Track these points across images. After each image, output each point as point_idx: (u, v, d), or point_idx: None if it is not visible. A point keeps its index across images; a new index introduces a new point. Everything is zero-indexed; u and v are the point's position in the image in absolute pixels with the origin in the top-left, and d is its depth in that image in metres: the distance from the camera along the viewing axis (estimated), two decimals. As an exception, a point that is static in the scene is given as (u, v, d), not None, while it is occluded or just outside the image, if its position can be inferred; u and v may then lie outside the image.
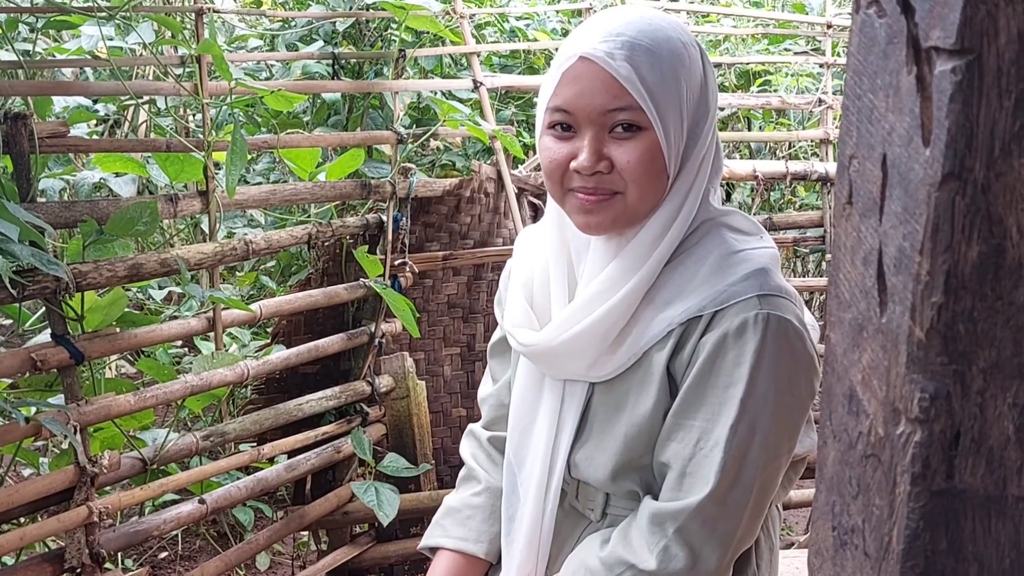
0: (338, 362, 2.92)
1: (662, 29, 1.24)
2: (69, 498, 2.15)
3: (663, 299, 1.27)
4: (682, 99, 1.24)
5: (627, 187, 1.24)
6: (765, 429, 1.21)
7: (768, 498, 1.28)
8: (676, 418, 1.25)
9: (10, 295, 1.92)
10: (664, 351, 1.26)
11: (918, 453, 0.68)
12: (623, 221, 1.27)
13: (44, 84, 2.18)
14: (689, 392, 1.24)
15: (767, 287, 1.23)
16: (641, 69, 1.21)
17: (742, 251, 1.27)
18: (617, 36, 1.22)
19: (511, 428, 1.45)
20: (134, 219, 2.02)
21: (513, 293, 1.43)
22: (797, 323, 1.22)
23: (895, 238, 0.69)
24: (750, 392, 1.19)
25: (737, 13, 4.39)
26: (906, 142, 0.68)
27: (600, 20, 1.26)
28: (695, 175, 1.28)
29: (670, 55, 1.23)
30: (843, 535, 0.78)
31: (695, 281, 1.26)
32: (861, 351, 0.75)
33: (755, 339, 1.20)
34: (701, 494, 1.21)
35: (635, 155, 1.22)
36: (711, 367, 1.22)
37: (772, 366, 1.20)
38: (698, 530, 1.22)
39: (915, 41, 0.67)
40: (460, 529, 1.51)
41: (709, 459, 1.21)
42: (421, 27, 2.84)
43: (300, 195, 2.55)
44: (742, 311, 1.21)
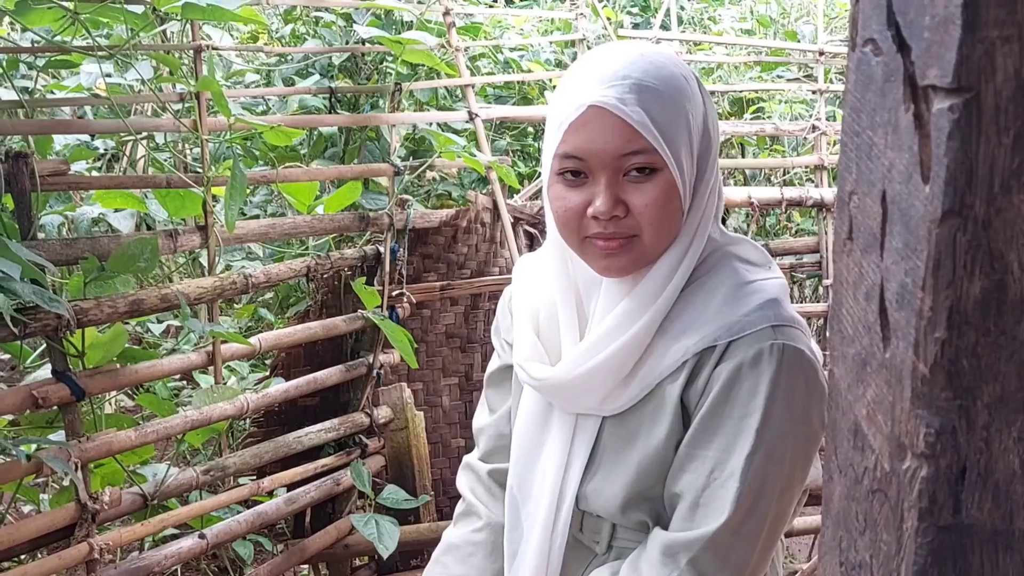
0: (337, 394, 2.92)
1: (664, 66, 1.24)
2: (70, 535, 2.15)
3: (676, 330, 1.27)
4: (690, 135, 1.24)
5: (643, 229, 1.24)
6: (780, 459, 1.21)
7: (781, 529, 1.27)
8: (690, 448, 1.25)
9: (12, 333, 1.92)
10: (678, 382, 1.26)
11: (924, 488, 0.68)
12: (642, 262, 1.27)
13: (45, 123, 2.19)
14: (703, 422, 1.24)
15: (780, 318, 1.23)
16: (652, 111, 1.20)
17: (753, 282, 1.28)
18: (624, 79, 1.21)
19: (514, 460, 1.43)
20: (135, 255, 2.03)
21: (520, 326, 1.42)
22: (810, 353, 1.23)
23: (897, 274, 0.70)
24: (766, 422, 1.20)
25: (730, 42, 4.43)
26: (906, 179, 0.68)
27: (601, 62, 1.25)
28: (703, 207, 1.28)
29: (676, 92, 1.23)
30: (851, 570, 0.78)
31: (708, 312, 1.26)
32: (865, 386, 0.75)
33: (770, 369, 1.20)
34: (715, 524, 1.20)
35: (652, 197, 1.22)
36: (726, 397, 1.22)
37: (787, 396, 1.20)
38: (711, 561, 1.22)
39: (912, 79, 0.68)
40: (461, 567, 1.49)
41: (724, 489, 1.21)
42: (417, 60, 2.86)
43: (299, 228, 2.55)
44: (756, 341, 1.21)
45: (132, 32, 2.17)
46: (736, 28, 5.02)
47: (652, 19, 6.16)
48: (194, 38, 2.31)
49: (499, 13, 3.80)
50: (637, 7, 6.25)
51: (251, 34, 3.66)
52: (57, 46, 2.10)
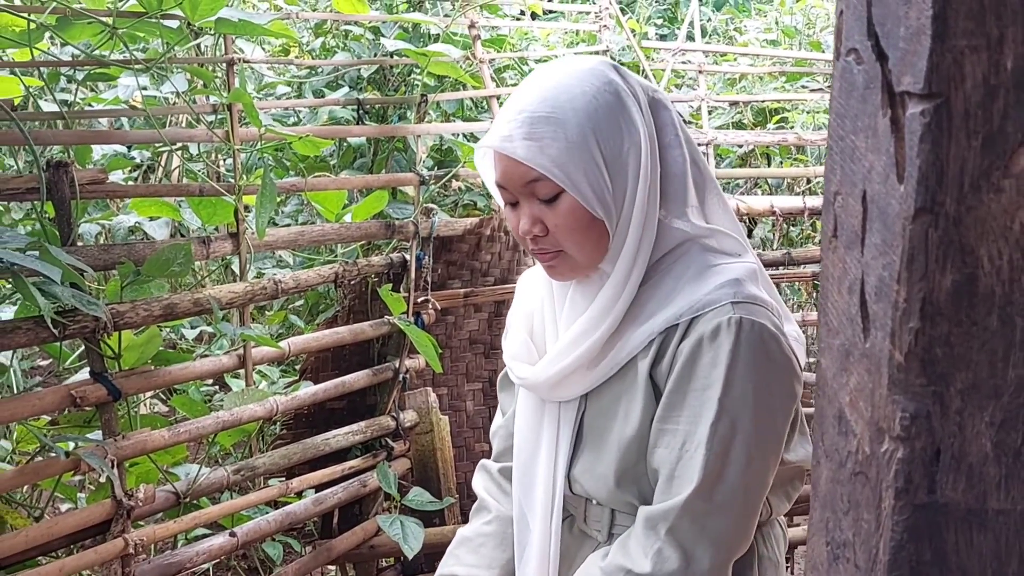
0: (364, 397, 2.98)
1: (566, 88, 1.31)
2: (106, 531, 2.22)
3: (643, 314, 1.35)
4: (593, 151, 1.30)
5: (564, 246, 1.34)
6: (746, 428, 1.27)
7: (758, 500, 1.32)
8: (660, 423, 1.32)
9: (52, 334, 2.00)
10: (647, 359, 1.34)
11: (901, 469, 0.73)
12: (582, 269, 1.37)
13: (84, 133, 2.28)
14: (670, 397, 1.31)
15: (740, 295, 1.30)
16: (543, 140, 1.28)
17: (718, 265, 1.35)
18: (519, 114, 1.30)
19: (516, 454, 1.52)
20: (169, 260, 2.10)
21: (514, 327, 1.53)
22: (772, 327, 1.29)
23: (875, 268, 0.75)
24: (727, 392, 1.26)
25: (754, 52, 4.47)
26: (883, 179, 0.73)
27: (511, 97, 1.36)
28: (645, 205, 1.33)
29: (573, 114, 1.29)
30: (836, 549, 0.82)
31: (673, 292, 1.34)
32: (848, 375, 0.80)
33: (729, 341, 1.27)
34: (687, 491, 1.27)
35: (560, 219, 1.32)
36: (689, 371, 1.29)
37: (747, 367, 1.27)
38: (688, 528, 1.27)
39: (889, 86, 0.73)
40: (472, 557, 1.57)
41: (693, 459, 1.27)
42: (442, 72, 2.92)
43: (327, 236, 2.63)
44: (716, 316, 1.29)
45: (167, 46, 2.25)
46: (761, 39, 5.06)
47: (677, 30, 6.21)
48: (227, 51, 2.39)
49: (525, 25, 3.86)
50: (663, 18, 6.30)
51: (282, 47, 3.75)
52: (96, 60, 2.19)
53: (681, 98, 4.02)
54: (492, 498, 1.60)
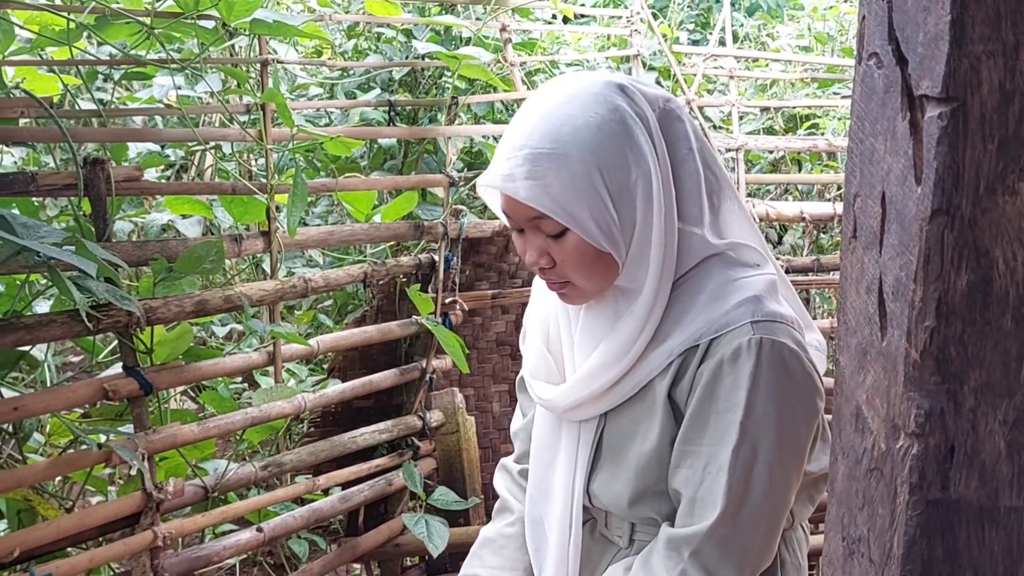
0: (391, 397, 3.01)
1: (569, 120, 1.26)
2: (135, 523, 2.25)
3: (662, 335, 1.33)
4: (597, 185, 1.26)
5: (572, 278, 1.33)
6: (768, 450, 1.26)
7: (781, 517, 1.32)
8: (683, 445, 1.31)
9: (86, 328, 2.04)
10: (665, 380, 1.33)
11: (915, 465, 0.74)
12: (593, 296, 1.36)
13: (121, 131, 2.32)
14: (692, 420, 1.30)
15: (760, 313, 1.28)
16: (546, 178, 1.24)
17: (737, 280, 1.33)
18: (520, 149, 1.26)
19: (532, 464, 1.53)
20: (202, 257, 2.14)
21: (531, 338, 1.52)
22: (793, 345, 1.27)
23: (893, 268, 0.76)
24: (749, 415, 1.25)
25: (786, 58, 4.46)
26: (901, 181, 0.75)
27: (512, 126, 1.30)
28: (662, 234, 1.30)
29: (576, 148, 1.25)
30: (851, 544, 0.84)
31: (692, 311, 1.32)
32: (865, 373, 0.81)
33: (750, 363, 1.25)
34: (711, 518, 1.26)
35: (566, 254, 1.30)
36: (710, 393, 1.28)
37: (769, 388, 1.25)
38: (712, 552, 1.27)
39: (909, 90, 0.74)
40: (495, 558, 1.58)
41: (716, 483, 1.27)
42: (473, 75, 2.95)
43: (357, 236, 2.66)
44: (736, 337, 1.27)
45: (202, 46, 2.29)
46: (793, 45, 5.05)
47: (709, 35, 6.21)
48: (261, 52, 2.43)
49: (556, 29, 3.88)
50: (695, 23, 6.30)
51: (315, 49, 3.79)
52: (133, 59, 2.23)
53: (712, 103, 4.02)
54: (514, 499, 1.62)
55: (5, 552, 2.01)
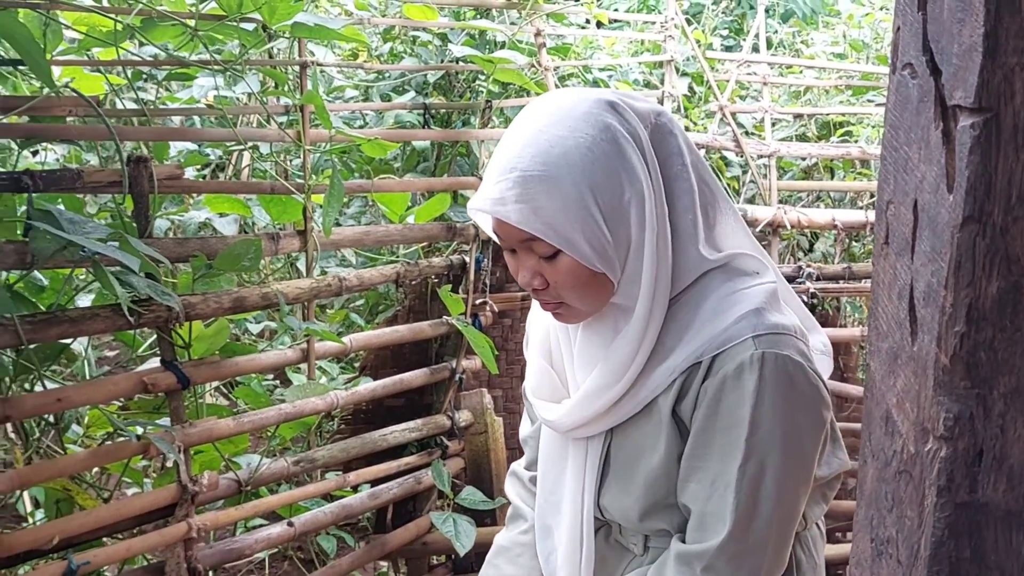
0: (421, 396, 3.04)
1: (559, 141, 1.23)
2: (170, 515, 2.30)
3: (664, 349, 1.32)
4: (589, 206, 1.24)
5: (566, 299, 1.31)
6: (775, 465, 1.25)
7: (791, 529, 1.32)
8: (689, 461, 1.31)
9: (128, 322, 2.08)
10: (669, 397, 1.31)
11: (943, 468, 0.76)
12: (587, 316, 1.35)
13: (164, 130, 2.37)
14: (698, 436, 1.29)
15: (762, 326, 1.26)
16: (537, 201, 1.22)
17: (736, 292, 1.30)
18: (510, 172, 1.23)
19: (541, 476, 1.52)
20: (240, 255, 2.18)
21: (532, 353, 1.51)
22: (797, 356, 1.26)
23: (924, 275, 0.78)
24: (754, 431, 1.24)
25: (819, 65, 4.46)
26: (934, 189, 0.76)
27: (501, 147, 1.28)
28: (655, 252, 1.28)
29: (567, 170, 1.22)
30: (879, 545, 0.85)
31: (693, 327, 1.30)
32: (896, 377, 0.83)
33: (753, 379, 1.24)
34: (721, 535, 1.26)
35: (560, 276, 1.28)
36: (715, 411, 1.27)
37: (773, 403, 1.24)
38: (724, 567, 1.27)
39: (942, 100, 0.76)
40: (511, 567, 1.59)
41: (724, 500, 1.26)
42: (507, 79, 2.98)
43: (391, 236, 2.69)
44: (739, 353, 1.25)
45: (243, 48, 2.34)
46: (828, 52, 5.04)
47: (743, 41, 6.21)
48: (300, 55, 2.47)
49: (590, 34, 3.90)
50: (728, 29, 6.30)
51: (352, 52, 3.83)
52: (177, 60, 2.28)
53: (745, 109, 4.03)
54: (526, 506, 1.62)
55: (45, 539, 2.06)
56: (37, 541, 2.05)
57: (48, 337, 2.04)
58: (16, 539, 2.03)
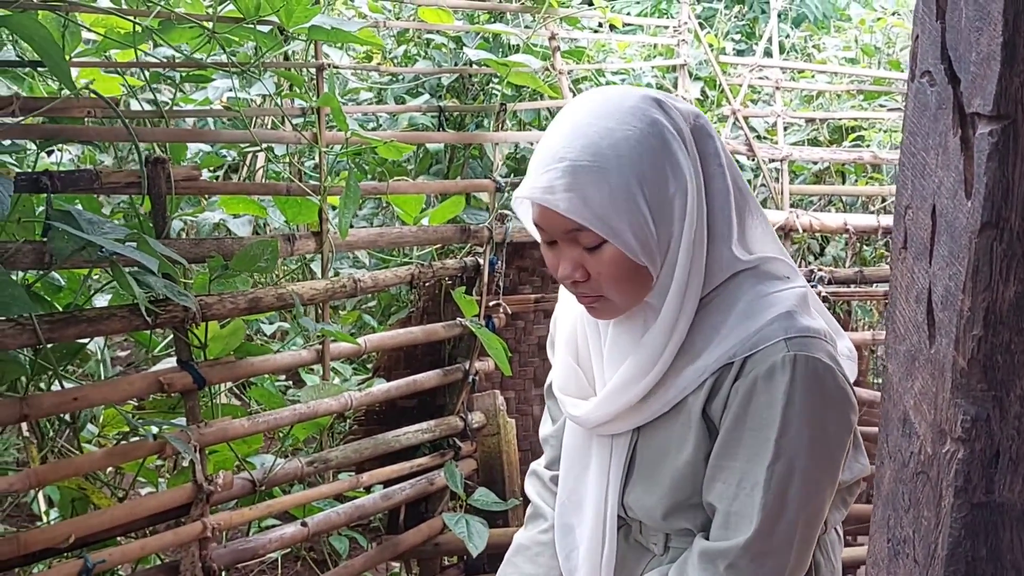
0: (433, 397, 3.05)
1: (608, 133, 1.26)
2: (184, 514, 2.31)
3: (696, 350, 1.33)
4: (636, 198, 1.26)
5: (605, 291, 1.31)
6: (803, 466, 1.27)
7: (815, 530, 1.33)
8: (717, 460, 1.32)
9: (145, 322, 2.10)
10: (700, 397, 1.33)
11: (960, 469, 0.77)
12: (624, 310, 1.35)
13: (182, 131, 2.39)
14: (727, 436, 1.31)
15: (794, 329, 1.28)
16: (586, 191, 1.24)
17: (768, 295, 1.32)
18: (559, 162, 1.25)
19: (563, 474, 1.53)
20: (257, 256, 2.20)
21: (559, 350, 1.52)
22: (827, 360, 1.28)
23: (942, 279, 0.79)
24: (783, 432, 1.25)
25: (831, 70, 4.46)
26: (952, 195, 0.78)
27: (549, 138, 1.30)
28: (691, 248, 1.30)
29: (616, 161, 1.25)
30: (896, 545, 0.86)
31: (724, 328, 1.31)
32: (913, 379, 0.84)
33: (784, 381, 1.25)
34: (747, 534, 1.28)
35: (603, 267, 1.29)
36: (745, 411, 1.28)
37: (803, 405, 1.25)
38: (748, 566, 1.29)
39: (960, 107, 0.77)
40: (530, 565, 1.59)
41: (751, 499, 1.28)
42: (522, 82, 2.99)
43: (406, 238, 2.71)
44: (771, 355, 1.27)
45: (260, 51, 2.36)
46: (839, 57, 5.05)
47: (755, 46, 6.21)
48: (317, 57, 2.49)
49: (603, 38, 3.92)
50: (741, 34, 6.30)
51: (366, 54, 3.85)
52: (195, 62, 2.30)
53: (757, 113, 4.04)
54: (547, 506, 1.62)
55: (61, 538, 2.08)
56: (53, 540, 2.07)
57: (66, 337, 2.06)
58: (33, 537, 2.05)
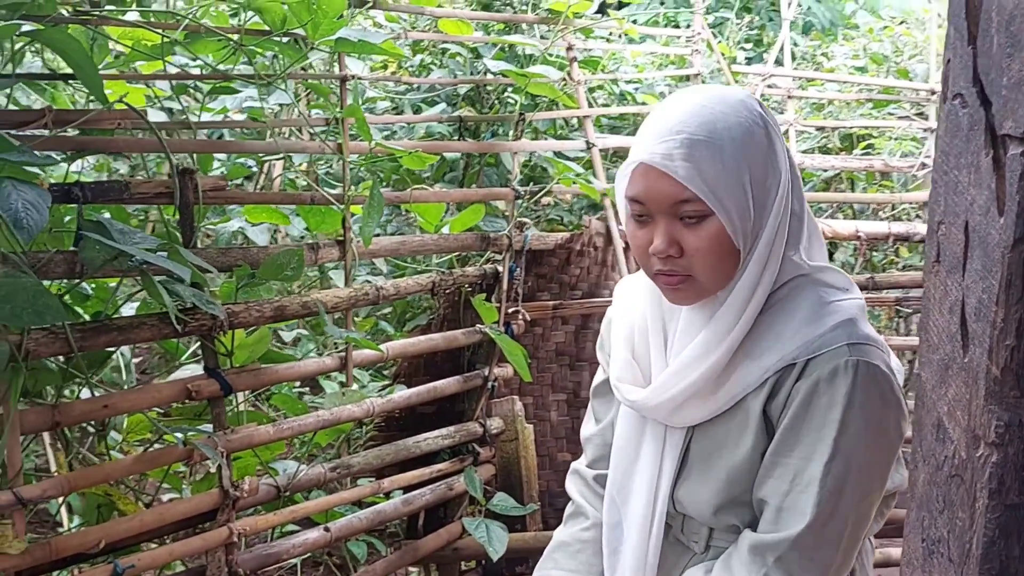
0: (452, 403, 3.09)
1: (723, 116, 1.33)
2: (210, 520, 2.35)
3: (758, 350, 1.38)
4: (744, 181, 1.32)
5: (696, 270, 1.36)
6: (858, 466, 1.31)
7: (863, 531, 1.37)
8: (773, 457, 1.36)
9: (174, 330, 2.14)
10: (760, 397, 1.37)
11: (994, 472, 0.81)
12: (704, 295, 1.39)
13: (210, 142, 2.44)
14: (785, 433, 1.35)
15: (856, 336, 1.33)
16: (701, 163, 1.30)
17: (831, 303, 1.37)
18: (677, 135, 1.31)
19: (613, 467, 1.56)
20: (283, 264, 2.24)
21: (616, 346, 1.56)
22: (885, 368, 1.33)
23: (976, 291, 0.83)
24: (843, 432, 1.30)
25: (841, 79, 4.50)
26: (984, 212, 0.81)
27: (663, 114, 1.36)
28: (772, 242, 1.37)
29: (730, 142, 1.32)
30: (931, 545, 0.90)
31: (787, 332, 1.36)
32: (947, 387, 0.88)
33: (846, 383, 1.30)
34: (799, 526, 1.31)
35: (703, 241, 1.34)
36: (805, 410, 1.33)
37: (862, 408, 1.30)
38: (797, 560, 1.32)
39: (992, 129, 0.81)
40: (571, 562, 1.62)
41: (806, 494, 1.32)
42: (540, 92, 3.04)
43: (427, 246, 2.75)
44: (833, 358, 1.32)
45: (284, 62, 2.40)
46: (848, 65, 5.09)
47: (764, 54, 6.25)
48: (340, 68, 2.53)
49: (619, 48, 3.96)
50: (751, 43, 6.35)
51: (382, 64, 3.89)
52: (222, 74, 2.34)
53: (768, 122, 4.07)
54: (589, 505, 1.65)
55: (92, 543, 2.11)
56: (84, 545, 2.11)
57: (97, 345, 2.11)
58: (64, 542, 2.08)
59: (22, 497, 1.96)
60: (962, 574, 0.84)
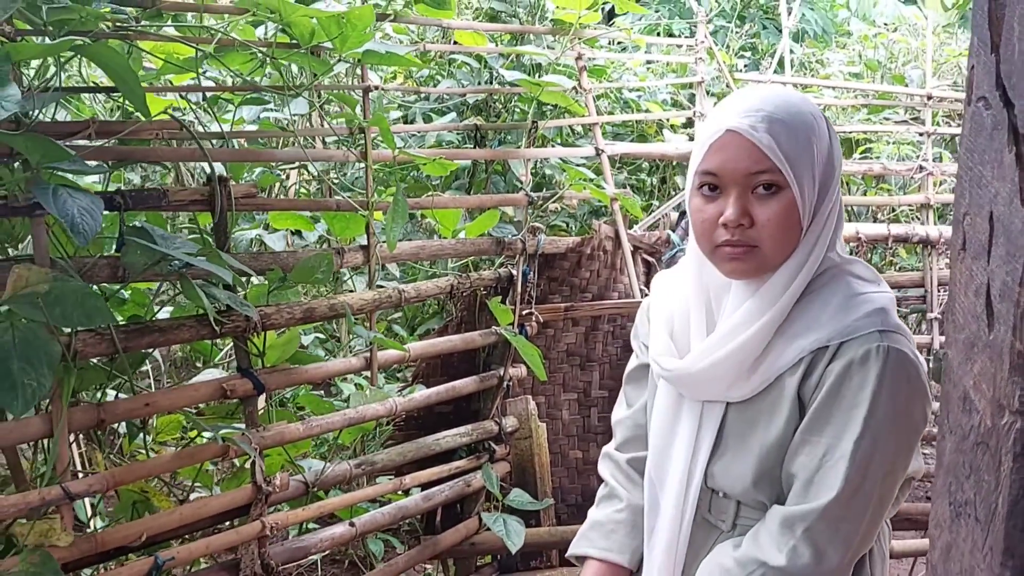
0: (469, 402, 3.18)
1: (795, 104, 1.47)
2: (243, 514, 2.43)
3: (794, 332, 1.48)
4: (814, 162, 1.45)
5: (763, 241, 1.45)
6: (885, 445, 1.41)
7: (886, 508, 1.47)
8: (804, 435, 1.45)
9: (211, 331, 2.23)
10: (795, 376, 1.47)
11: (1019, 437, 0.90)
12: (763, 269, 1.49)
13: (242, 151, 2.52)
14: (817, 412, 1.44)
15: (887, 324, 1.43)
16: (779, 138, 1.42)
17: (864, 293, 1.47)
18: (757, 111, 1.44)
19: (652, 448, 1.65)
20: (313, 268, 2.33)
21: (656, 328, 1.65)
22: (912, 356, 1.43)
23: (1000, 275, 0.92)
24: (872, 412, 1.39)
25: (838, 85, 4.61)
26: (1008, 203, 0.91)
27: (741, 97, 1.49)
28: (823, 226, 1.49)
29: (803, 126, 1.45)
30: (958, 508, 0.99)
31: (823, 317, 1.46)
32: (972, 362, 0.97)
33: (877, 367, 1.40)
34: (827, 498, 1.40)
35: (774, 212, 1.44)
36: (837, 390, 1.42)
37: (892, 391, 1.40)
38: (824, 530, 1.41)
39: (1014, 128, 0.90)
40: (605, 541, 1.71)
41: (835, 469, 1.41)
42: (552, 101, 3.13)
43: (446, 250, 2.84)
44: (866, 343, 1.42)
45: (312, 74, 2.49)
46: (844, 72, 5.20)
47: (759, 61, 6.37)
48: (363, 79, 2.62)
49: (625, 57, 4.06)
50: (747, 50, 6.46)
51: (392, 74, 3.99)
52: (252, 85, 2.43)
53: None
54: (621, 487, 1.74)
55: (134, 536, 2.20)
56: (127, 538, 2.19)
57: (140, 346, 2.19)
58: (109, 536, 2.17)
59: (70, 492, 2.04)
60: (989, 531, 0.93)
